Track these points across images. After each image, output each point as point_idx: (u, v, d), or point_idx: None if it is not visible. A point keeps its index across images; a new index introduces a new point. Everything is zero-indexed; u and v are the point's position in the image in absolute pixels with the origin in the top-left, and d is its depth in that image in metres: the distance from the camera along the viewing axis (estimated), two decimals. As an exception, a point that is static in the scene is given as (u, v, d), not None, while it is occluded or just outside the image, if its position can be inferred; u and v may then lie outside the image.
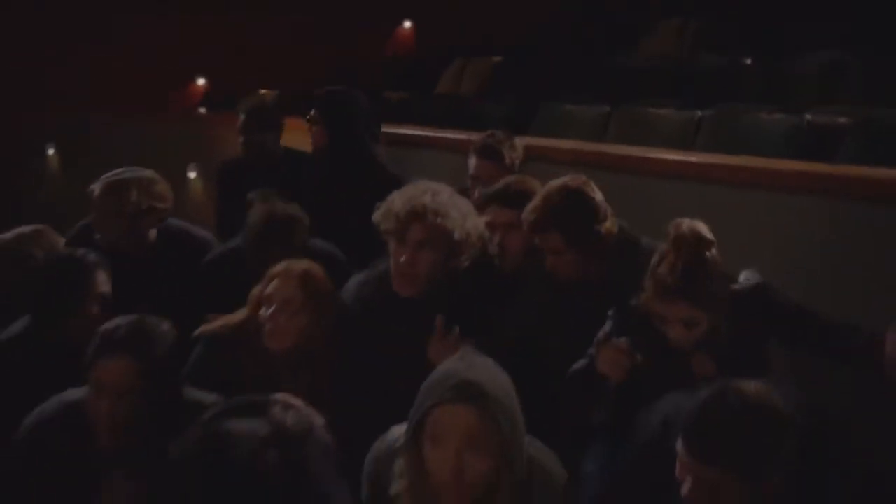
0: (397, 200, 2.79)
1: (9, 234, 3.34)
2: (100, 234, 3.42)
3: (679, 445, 1.98)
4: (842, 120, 3.80)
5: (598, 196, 2.80)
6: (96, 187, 3.44)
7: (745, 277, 2.88)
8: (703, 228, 2.49)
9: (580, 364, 2.69)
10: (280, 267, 2.82)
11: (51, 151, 7.42)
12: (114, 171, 3.49)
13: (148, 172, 3.52)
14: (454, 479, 1.97)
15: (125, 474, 2.34)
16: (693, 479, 1.97)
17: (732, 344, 2.49)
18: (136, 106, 7.17)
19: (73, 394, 2.48)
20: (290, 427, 1.79)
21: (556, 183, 2.82)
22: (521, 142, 3.70)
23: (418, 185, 2.87)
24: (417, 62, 8.27)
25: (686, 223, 2.49)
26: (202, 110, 8.14)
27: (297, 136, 4.49)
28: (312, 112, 4.07)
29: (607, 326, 2.66)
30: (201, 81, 8.55)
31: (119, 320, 2.40)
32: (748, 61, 5.12)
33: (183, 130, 6.57)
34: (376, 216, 2.82)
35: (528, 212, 2.81)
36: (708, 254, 2.45)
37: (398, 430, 2.18)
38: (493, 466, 1.99)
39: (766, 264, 2.91)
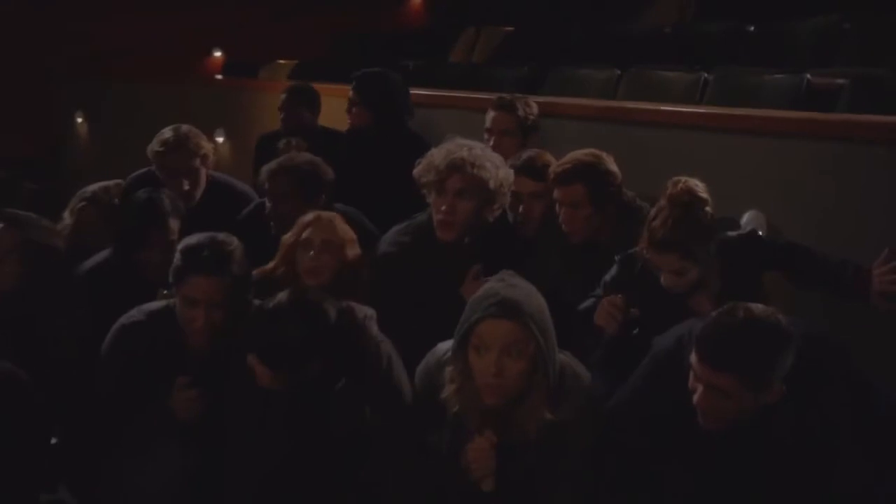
0: (436, 155, 3.06)
1: (94, 186, 3.67)
2: (171, 186, 3.58)
3: (692, 356, 2.20)
4: (839, 80, 3.91)
5: (616, 169, 3.07)
6: (166, 145, 3.65)
7: (747, 219, 3.10)
8: (699, 187, 2.62)
9: (587, 303, 2.93)
10: (310, 216, 3.07)
11: (79, 119, 7.62)
12: (168, 128, 3.71)
13: (188, 126, 3.76)
14: (494, 379, 2.28)
15: (197, 377, 2.63)
16: (704, 387, 2.18)
17: (728, 286, 2.62)
18: (158, 77, 7.36)
19: (154, 304, 2.77)
20: (354, 309, 2.48)
21: (582, 150, 3.09)
22: (536, 101, 3.88)
23: (454, 141, 3.13)
24: (429, 32, 8.33)
25: (683, 181, 2.62)
26: (219, 77, 8.33)
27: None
28: (351, 94, 4.30)
29: (613, 270, 2.89)
30: (218, 54, 8.75)
31: (198, 239, 2.65)
32: (750, 28, 5.19)
33: (205, 96, 6.73)
34: (417, 171, 3.09)
35: (556, 166, 3.08)
36: (700, 212, 2.59)
37: (444, 346, 2.49)
38: (528, 370, 2.30)
39: (769, 205, 3.10)
